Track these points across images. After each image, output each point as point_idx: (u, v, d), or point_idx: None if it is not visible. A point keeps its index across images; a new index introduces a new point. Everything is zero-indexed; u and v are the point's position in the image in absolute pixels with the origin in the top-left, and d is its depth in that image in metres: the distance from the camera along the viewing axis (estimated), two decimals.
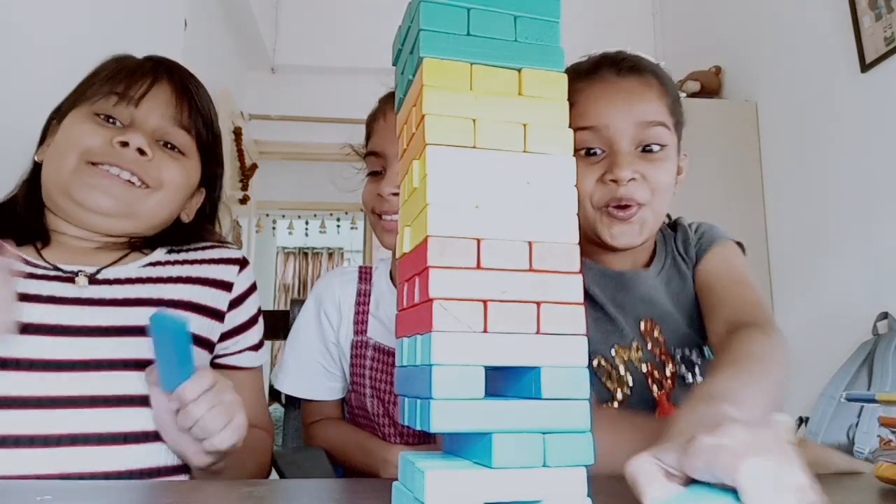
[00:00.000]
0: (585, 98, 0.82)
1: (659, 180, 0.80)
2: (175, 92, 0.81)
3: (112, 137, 0.76)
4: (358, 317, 1.05)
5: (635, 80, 0.83)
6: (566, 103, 0.36)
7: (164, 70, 0.81)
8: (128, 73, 0.79)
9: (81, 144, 0.75)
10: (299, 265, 7.11)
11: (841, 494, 0.57)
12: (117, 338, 0.72)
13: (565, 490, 0.33)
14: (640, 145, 0.80)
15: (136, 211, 0.79)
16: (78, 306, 0.73)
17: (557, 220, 0.35)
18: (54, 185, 0.76)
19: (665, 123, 0.81)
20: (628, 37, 3.79)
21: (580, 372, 0.34)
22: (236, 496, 0.54)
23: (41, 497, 0.48)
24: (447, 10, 0.35)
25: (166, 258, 0.84)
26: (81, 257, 0.79)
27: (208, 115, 0.85)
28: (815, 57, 2.39)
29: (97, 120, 0.77)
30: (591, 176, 0.80)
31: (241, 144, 3.30)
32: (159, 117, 0.80)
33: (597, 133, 0.80)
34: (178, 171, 0.81)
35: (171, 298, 0.78)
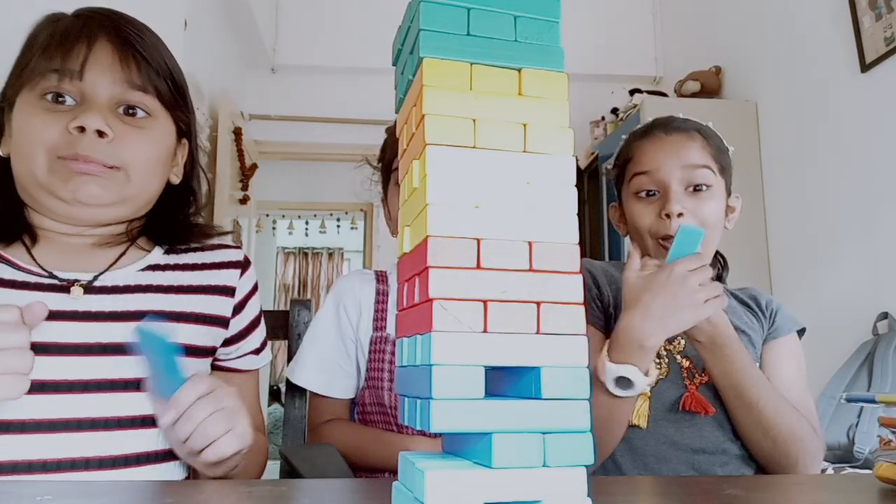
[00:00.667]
0: (641, 151, 1.01)
1: (706, 215, 0.95)
2: (117, 50, 0.72)
3: (67, 123, 0.69)
4: (378, 314, 1.07)
5: (681, 134, 1.00)
6: (566, 103, 0.36)
7: (97, 28, 0.72)
8: (60, 42, 0.71)
9: (42, 140, 0.70)
10: (299, 265, 7.12)
11: (841, 494, 0.57)
12: (114, 356, 0.69)
13: (565, 490, 0.33)
14: (688, 186, 0.96)
15: (125, 196, 0.75)
16: (74, 322, 0.70)
17: (557, 220, 0.35)
18: (35, 187, 0.72)
19: (708, 166, 0.97)
20: (628, 37, 3.80)
21: (580, 372, 0.34)
22: (236, 496, 0.54)
23: (41, 497, 0.48)
24: (447, 10, 0.35)
25: (165, 260, 0.80)
26: (77, 258, 0.75)
27: (162, 65, 0.77)
28: (815, 57, 2.39)
29: (46, 105, 0.70)
30: (649, 213, 0.97)
31: (241, 144, 3.30)
32: (109, 83, 0.72)
33: (650, 176, 0.97)
34: (145, 143, 0.75)
35: (172, 310, 0.75)
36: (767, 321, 1.03)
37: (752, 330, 1.01)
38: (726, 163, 1.02)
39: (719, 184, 0.99)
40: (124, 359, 0.69)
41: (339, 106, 3.58)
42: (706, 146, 0.99)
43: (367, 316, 1.07)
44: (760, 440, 0.89)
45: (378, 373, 1.05)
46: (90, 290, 0.73)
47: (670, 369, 0.95)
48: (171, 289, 0.77)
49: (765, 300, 1.06)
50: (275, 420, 4.50)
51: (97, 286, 0.73)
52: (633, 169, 1.00)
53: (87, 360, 0.68)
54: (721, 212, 0.99)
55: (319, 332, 1.09)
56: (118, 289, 0.74)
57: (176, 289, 0.78)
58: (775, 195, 2.58)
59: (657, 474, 0.90)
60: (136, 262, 0.78)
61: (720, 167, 0.99)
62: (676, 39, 3.66)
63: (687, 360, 0.96)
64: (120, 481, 0.72)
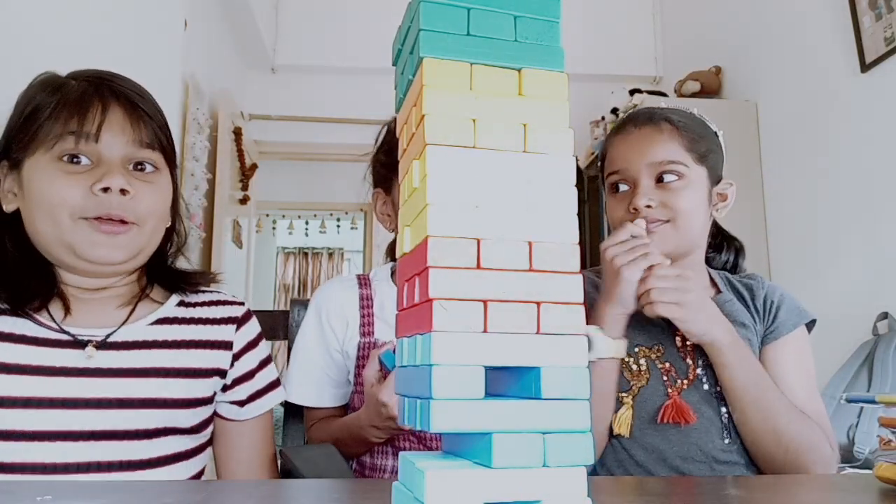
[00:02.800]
0: (613, 148, 1.02)
1: (678, 205, 0.95)
2: (127, 113, 0.78)
3: (90, 185, 0.74)
4: (363, 320, 1.06)
5: (649, 128, 0.99)
6: (566, 103, 0.36)
7: (108, 92, 0.78)
8: (75, 106, 0.75)
9: (64, 203, 0.74)
10: (299, 265, 7.12)
11: (841, 494, 0.57)
12: (121, 410, 0.76)
13: (565, 490, 0.33)
14: (658, 177, 0.96)
15: (140, 249, 0.81)
16: (86, 378, 0.76)
17: (557, 220, 0.35)
18: (60, 247, 0.77)
19: (676, 160, 0.96)
20: (628, 37, 3.80)
21: (580, 372, 0.34)
22: (236, 496, 0.54)
23: (41, 497, 0.48)
24: (447, 10, 0.35)
25: (174, 314, 0.86)
26: (93, 314, 0.81)
27: (163, 121, 0.83)
28: (815, 57, 2.39)
29: (63, 166, 0.75)
30: (621, 208, 0.98)
31: (241, 144, 3.30)
32: (123, 144, 0.78)
33: (621, 174, 0.99)
34: (157, 196, 0.81)
35: (174, 367, 0.81)
36: (765, 319, 0.99)
37: (750, 323, 0.98)
38: (707, 149, 1.00)
39: (696, 172, 0.97)
40: (131, 413, 0.77)
41: (339, 106, 3.58)
42: (676, 135, 0.97)
43: (352, 324, 1.06)
44: (772, 449, 0.86)
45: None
46: (103, 346, 0.79)
47: (651, 375, 0.94)
48: (175, 343, 0.84)
49: (763, 294, 1.02)
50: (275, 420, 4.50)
51: (110, 342, 0.79)
52: (607, 167, 1.02)
53: (97, 413, 0.75)
54: (699, 200, 0.97)
55: (303, 347, 1.09)
56: (128, 344, 0.80)
57: (180, 343, 0.84)
58: (775, 195, 2.58)
59: None
60: (146, 316, 0.84)
61: (698, 156, 0.97)
62: (676, 39, 3.66)
63: (668, 365, 0.95)
64: (120, 481, 0.72)
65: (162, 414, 0.79)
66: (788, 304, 1.00)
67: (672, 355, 0.95)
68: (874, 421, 1.74)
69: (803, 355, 0.98)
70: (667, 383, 0.93)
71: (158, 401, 0.79)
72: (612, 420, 0.92)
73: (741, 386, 0.87)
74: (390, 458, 1.01)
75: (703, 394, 0.92)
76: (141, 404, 0.77)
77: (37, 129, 0.75)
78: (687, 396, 0.92)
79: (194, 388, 0.83)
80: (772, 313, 0.99)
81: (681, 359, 0.95)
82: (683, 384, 0.93)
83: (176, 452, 0.81)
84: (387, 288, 1.08)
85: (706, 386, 0.93)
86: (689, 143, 0.97)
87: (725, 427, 0.91)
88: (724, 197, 1.03)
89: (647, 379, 0.94)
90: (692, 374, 0.93)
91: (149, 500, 0.50)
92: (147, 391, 0.78)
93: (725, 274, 1.08)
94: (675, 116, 1.00)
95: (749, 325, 0.97)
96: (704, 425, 0.91)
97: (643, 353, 0.96)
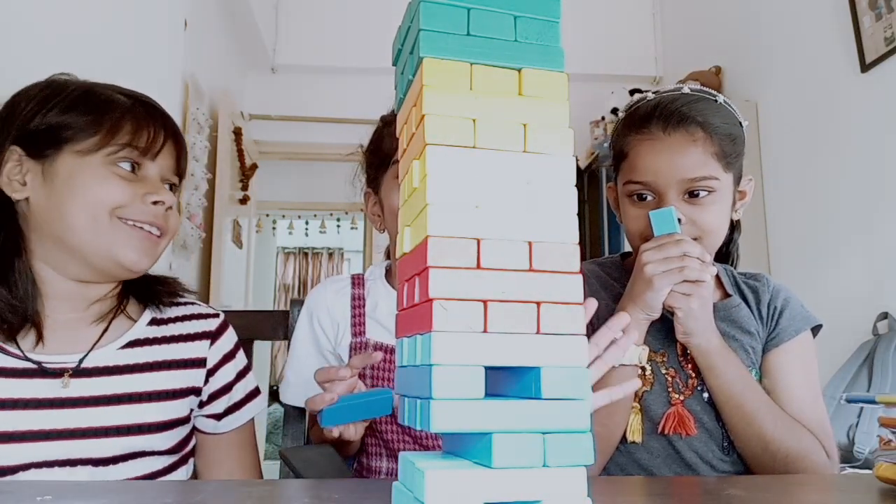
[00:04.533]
0: (636, 154, 0.92)
1: (706, 222, 0.89)
2: (175, 144, 0.86)
3: (141, 194, 0.80)
4: (355, 320, 1.06)
5: (681, 136, 0.89)
6: (566, 103, 0.36)
7: (162, 118, 0.85)
8: (142, 125, 0.81)
9: (109, 200, 0.78)
10: (299, 265, 7.11)
11: (841, 494, 0.57)
12: (96, 439, 0.76)
13: (565, 490, 0.33)
14: (688, 192, 0.89)
15: (156, 258, 0.84)
16: (61, 409, 0.76)
17: (557, 220, 0.35)
18: (88, 241, 0.77)
19: (709, 175, 0.88)
20: (628, 37, 3.80)
21: (580, 372, 0.34)
22: (236, 496, 0.54)
23: (41, 497, 0.48)
24: (447, 10, 0.35)
25: (146, 334, 0.86)
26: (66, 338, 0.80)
27: (185, 148, 0.90)
28: (815, 57, 2.39)
29: (119, 171, 0.79)
30: (643, 218, 0.90)
31: (241, 144, 3.29)
32: (166, 167, 0.85)
33: (647, 187, 0.91)
34: (177, 215, 0.87)
35: (147, 391, 0.81)
36: (767, 325, 0.96)
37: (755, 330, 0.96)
38: (737, 151, 0.92)
39: (725, 182, 0.91)
40: (104, 441, 0.77)
41: (339, 106, 3.58)
42: (710, 144, 0.89)
43: (343, 325, 1.06)
44: (760, 455, 0.86)
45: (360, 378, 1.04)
46: (76, 373, 0.79)
47: (655, 380, 0.92)
48: (147, 366, 0.84)
49: (767, 297, 0.98)
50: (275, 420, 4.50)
51: (83, 368, 0.79)
52: (628, 173, 0.93)
53: (70, 443, 0.75)
54: (726, 212, 0.92)
55: (297, 349, 1.09)
56: (100, 370, 0.80)
57: (151, 365, 0.84)
58: (775, 195, 2.58)
59: None
60: (117, 339, 0.83)
61: (727, 163, 0.90)
62: (676, 39, 3.66)
63: (672, 371, 0.93)
64: (120, 481, 0.72)
65: (138, 439, 0.79)
66: (792, 308, 0.96)
67: (674, 362, 0.93)
68: (874, 421, 1.74)
69: (806, 362, 0.95)
70: (671, 391, 0.91)
71: (133, 427, 0.78)
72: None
73: (725, 391, 0.86)
74: (384, 461, 1.01)
75: (703, 404, 0.91)
76: (116, 432, 0.77)
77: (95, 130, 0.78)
78: (689, 405, 0.90)
79: (169, 410, 0.83)
80: (774, 318, 0.96)
81: (681, 366, 0.93)
82: (688, 392, 0.91)
83: (154, 471, 0.81)
84: (381, 287, 1.07)
85: (706, 395, 0.91)
86: (720, 150, 0.90)
87: (725, 437, 0.89)
88: (743, 195, 0.97)
89: (651, 384, 0.92)
90: (692, 383, 0.92)
91: (149, 500, 0.50)
92: (122, 418, 0.78)
93: (731, 271, 1.04)
94: (708, 119, 0.90)
95: (754, 333, 0.95)
96: (704, 436, 0.90)
97: (650, 357, 0.92)
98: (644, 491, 0.60)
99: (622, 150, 0.95)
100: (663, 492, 0.59)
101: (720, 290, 1.00)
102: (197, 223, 2.67)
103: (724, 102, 0.96)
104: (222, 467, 0.90)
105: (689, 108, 0.91)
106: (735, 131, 0.93)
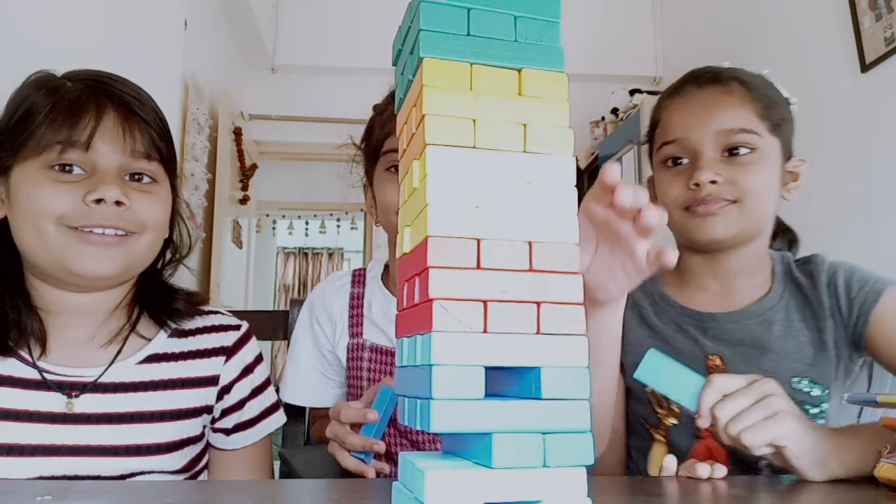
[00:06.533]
0: (668, 114, 0.86)
1: (748, 183, 0.80)
2: (122, 119, 0.73)
3: (82, 195, 0.70)
4: (353, 320, 1.05)
5: (715, 89, 0.84)
6: (566, 103, 0.36)
7: (104, 97, 0.73)
8: (68, 112, 0.71)
9: (53, 211, 0.70)
10: (299, 265, 7.11)
11: (841, 494, 0.57)
12: (104, 458, 0.73)
13: (565, 490, 0.33)
14: (726, 149, 0.81)
15: (132, 261, 0.76)
16: (70, 424, 0.73)
17: (557, 220, 0.35)
18: (43, 258, 0.72)
19: (749, 129, 0.81)
20: (628, 37, 3.80)
21: (580, 372, 0.34)
22: (236, 496, 0.54)
23: (41, 497, 0.48)
24: (447, 10, 0.35)
25: (166, 348, 0.82)
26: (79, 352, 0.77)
27: (161, 127, 0.78)
28: (815, 57, 2.39)
29: (54, 175, 0.71)
30: (677, 184, 0.83)
31: (241, 144, 3.30)
32: (118, 154, 0.73)
33: (680, 145, 0.83)
34: (156, 207, 0.76)
35: (160, 410, 0.78)
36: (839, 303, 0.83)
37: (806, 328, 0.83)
38: (781, 118, 0.84)
39: (769, 145, 0.82)
40: (112, 460, 0.73)
41: (339, 106, 3.57)
42: (749, 100, 0.82)
43: (342, 324, 1.05)
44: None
45: (357, 380, 1.03)
46: (92, 389, 0.75)
47: (682, 411, 0.82)
48: (161, 384, 0.79)
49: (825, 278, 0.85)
50: None
51: (97, 384, 0.76)
52: (661, 137, 0.86)
53: (77, 460, 0.72)
54: (771, 178, 0.83)
55: (296, 348, 1.08)
56: (115, 386, 0.77)
57: (166, 383, 0.80)
58: None
59: None
60: (135, 354, 0.80)
61: (771, 125, 0.82)
62: (676, 39, 3.66)
63: None
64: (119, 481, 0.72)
65: (146, 460, 0.76)
66: (861, 275, 0.85)
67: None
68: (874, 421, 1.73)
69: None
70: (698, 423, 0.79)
71: (143, 447, 0.75)
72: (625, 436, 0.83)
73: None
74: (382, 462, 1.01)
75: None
76: (125, 452, 0.74)
77: (28, 134, 0.71)
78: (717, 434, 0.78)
79: (180, 430, 0.79)
80: (845, 294, 0.84)
81: None
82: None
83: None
84: (376, 288, 1.07)
85: None
86: (762, 110, 0.82)
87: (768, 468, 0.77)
88: (795, 176, 0.88)
89: (678, 416, 0.83)
90: None
91: (149, 500, 0.50)
92: (133, 437, 0.75)
93: (788, 258, 0.93)
94: (746, 77, 0.85)
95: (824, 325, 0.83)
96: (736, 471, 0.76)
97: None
98: (644, 491, 0.60)
99: (657, 119, 0.89)
100: (663, 492, 0.59)
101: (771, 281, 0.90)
102: (197, 223, 2.67)
103: (767, 77, 0.90)
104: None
105: (726, 70, 0.86)
106: (779, 99, 0.86)
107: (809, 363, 0.83)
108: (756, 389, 0.62)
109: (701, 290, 0.90)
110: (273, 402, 0.90)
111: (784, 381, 0.80)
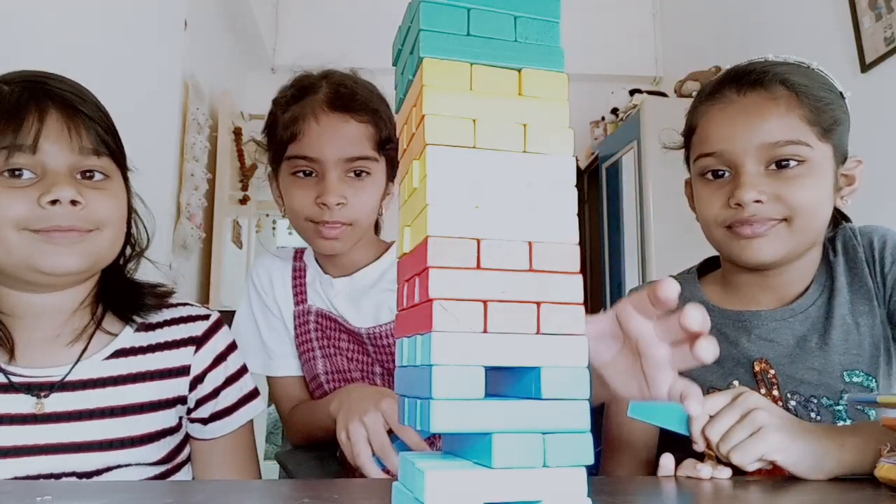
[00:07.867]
0: (706, 122, 0.79)
1: (798, 199, 0.74)
2: (65, 118, 0.73)
3: (36, 198, 0.69)
4: (296, 289, 1.08)
5: (758, 95, 0.77)
6: (566, 103, 0.36)
7: (43, 96, 0.72)
8: (9, 116, 0.70)
9: (10, 217, 0.69)
10: None
11: (841, 494, 0.57)
12: (78, 454, 0.73)
13: (565, 490, 0.33)
14: (772, 162, 0.75)
15: (97, 255, 0.75)
16: (40, 424, 0.73)
17: (557, 220, 0.35)
18: (7, 265, 0.71)
19: (797, 140, 0.74)
20: (628, 37, 3.80)
21: (580, 372, 0.34)
22: (236, 496, 0.54)
23: (41, 497, 0.48)
24: (447, 10, 0.35)
25: (132, 342, 0.82)
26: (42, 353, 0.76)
27: (105, 122, 0.77)
28: (815, 57, 2.38)
29: (4, 181, 0.70)
30: (717, 199, 0.77)
31: (240, 144, 3.29)
32: (67, 152, 0.72)
33: (719, 158, 0.77)
34: (111, 204, 0.76)
35: (132, 403, 0.78)
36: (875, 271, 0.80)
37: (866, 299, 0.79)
38: (833, 120, 0.77)
39: (821, 153, 0.75)
40: (81, 455, 0.73)
41: None
42: (796, 107, 0.75)
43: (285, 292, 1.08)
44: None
45: (307, 344, 1.05)
46: (59, 387, 0.75)
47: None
48: (130, 377, 0.79)
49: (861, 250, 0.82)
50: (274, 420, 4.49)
51: (65, 382, 0.76)
52: (698, 147, 0.80)
53: (45, 458, 0.72)
54: (823, 190, 0.76)
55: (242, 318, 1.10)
56: (83, 384, 0.77)
57: (135, 376, 0.80)
58: None
59: None
60: (101, 350, 0.79)
61: (822, 130, 0.75)
62: (676, 39, 3.66)
63: None
64: (119, 481, 0.72)
65: (121, 453, 0.75)
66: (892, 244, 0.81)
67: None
68: None
69: None
70: None
71: (115, 441, 0.75)
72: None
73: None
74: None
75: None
76: (99, 447, 0.74)
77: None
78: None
79: (154, 422, 0.79)
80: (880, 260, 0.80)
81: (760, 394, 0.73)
82: None
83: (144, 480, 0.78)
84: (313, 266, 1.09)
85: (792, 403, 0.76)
86: (812, 114, 0.75)
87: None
88: (851, 180, 0.82)
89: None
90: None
91: (149, 500, 0.50)
92: (103, 433, 0.75)
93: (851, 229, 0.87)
94: (792, 76, 0.77)
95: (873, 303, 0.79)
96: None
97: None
98: (644, 491, 0.60)
99: (693, 124, 0.82)
100: (664, 492, 0.59)
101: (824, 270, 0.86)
102: (197, 223, 2.67)
103: (817, 69, 0.82)
104: (217, 474, 0.87)
105: (769, 68, 0.78)
106: (830, 97, 0.79)
107: (857, 353, 0.78)
108: (740, 405, 0.60)
109: (750, 300, 0.86)
110: (250, 389, 0.91)
111: (836, 377, 0.78)
